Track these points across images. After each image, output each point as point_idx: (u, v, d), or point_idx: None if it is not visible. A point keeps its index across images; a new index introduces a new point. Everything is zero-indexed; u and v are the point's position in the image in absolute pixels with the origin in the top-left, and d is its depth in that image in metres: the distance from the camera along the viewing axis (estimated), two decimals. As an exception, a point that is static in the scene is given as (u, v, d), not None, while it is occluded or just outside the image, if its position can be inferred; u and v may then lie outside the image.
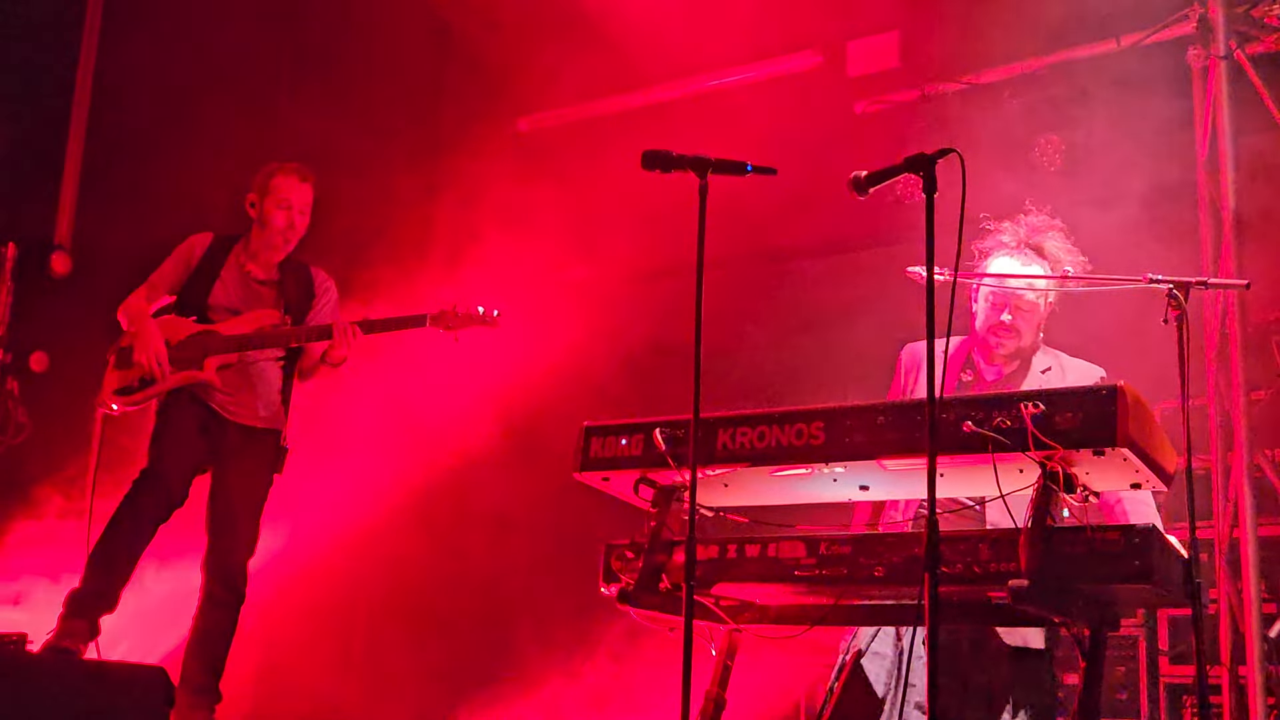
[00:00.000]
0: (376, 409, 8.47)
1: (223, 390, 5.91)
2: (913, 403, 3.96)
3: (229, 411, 5.94)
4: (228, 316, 6.02)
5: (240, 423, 5.96)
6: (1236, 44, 7.19)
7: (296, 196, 6.13)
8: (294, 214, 6.11)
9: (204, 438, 5.90)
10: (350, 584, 8.72)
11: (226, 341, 5.95)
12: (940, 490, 3.48)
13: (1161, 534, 3.67)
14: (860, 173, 3.87)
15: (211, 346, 5.92)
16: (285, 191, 6.12)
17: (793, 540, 4.07)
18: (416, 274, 7.95)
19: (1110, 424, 3.56)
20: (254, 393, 6.00)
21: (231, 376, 5.95)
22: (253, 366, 6.01)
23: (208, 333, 5.95)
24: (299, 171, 6.17)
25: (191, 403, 5.91)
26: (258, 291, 6.12)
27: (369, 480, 8.49)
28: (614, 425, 4.36)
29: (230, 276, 6.10)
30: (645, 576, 4.21)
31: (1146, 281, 4.44)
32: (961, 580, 3.77)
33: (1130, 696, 7.07)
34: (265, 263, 6.17)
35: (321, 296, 6.23)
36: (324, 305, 6.23)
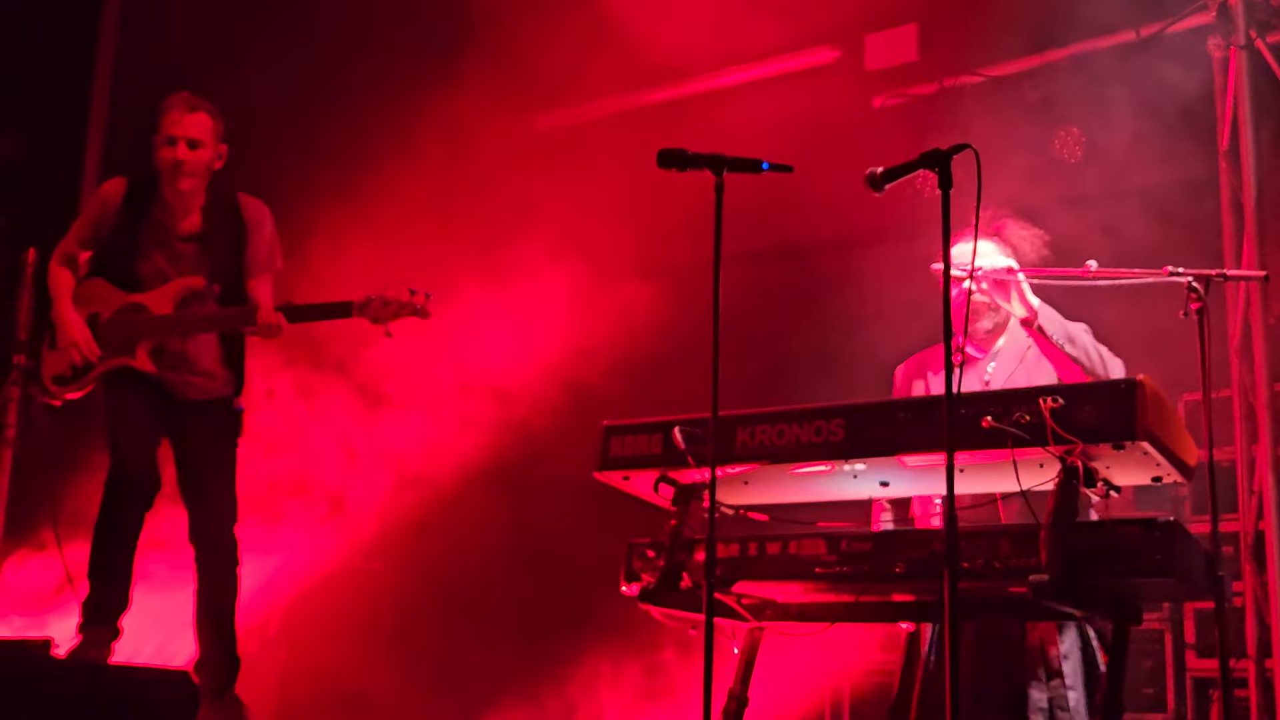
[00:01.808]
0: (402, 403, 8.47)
1: (161, 368, 5.64)
2: (932, 399, 3.97)
3: (173, 386, 5.67)
4: (154, 281, 5.66)
5: (188, 397, 5.69)
6: (1257, 33, 7.15)
7: (182, 128, 5.61)
8: (180, 148, 5.60)
9: (154, 414, 5.63)
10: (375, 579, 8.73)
11: (155, 324, 5.61)
12: (960, 486, 3.48)
13: (1183, 527, 3.65)
14: (876, 169, 3.86)
15: (140, 329, 5.61)
16: (170, 125, 5.62)
17: (813, 538, 4.06)
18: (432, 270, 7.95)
19: (1129, 417, 3.55)
20: (193, 368, 5.70)
21: (166, 357, 5.66)
22: (187, 341, 5.69)
23: (137, 308, 5.64)
24: (185, 100, 5.69)
25: (135, 382, 5.61)
26: (180, 250, 5.69)
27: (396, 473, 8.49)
28: (634, 424, 4.37)
29: (150, 240, 5.68)
30: (667, 575, 4.22)
31: (1166, 274, 4.42)
32: (982, 576, 3.76)
33: (1157, 690, 7.04)
34: (186, 212, 5.71)
35: (254, 234, 5.77)
36: (258, 245, 5.77)
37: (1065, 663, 4.48)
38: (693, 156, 4.07)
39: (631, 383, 8.14)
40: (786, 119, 7.87)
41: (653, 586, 4.20)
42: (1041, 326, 4.58)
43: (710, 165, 4.05)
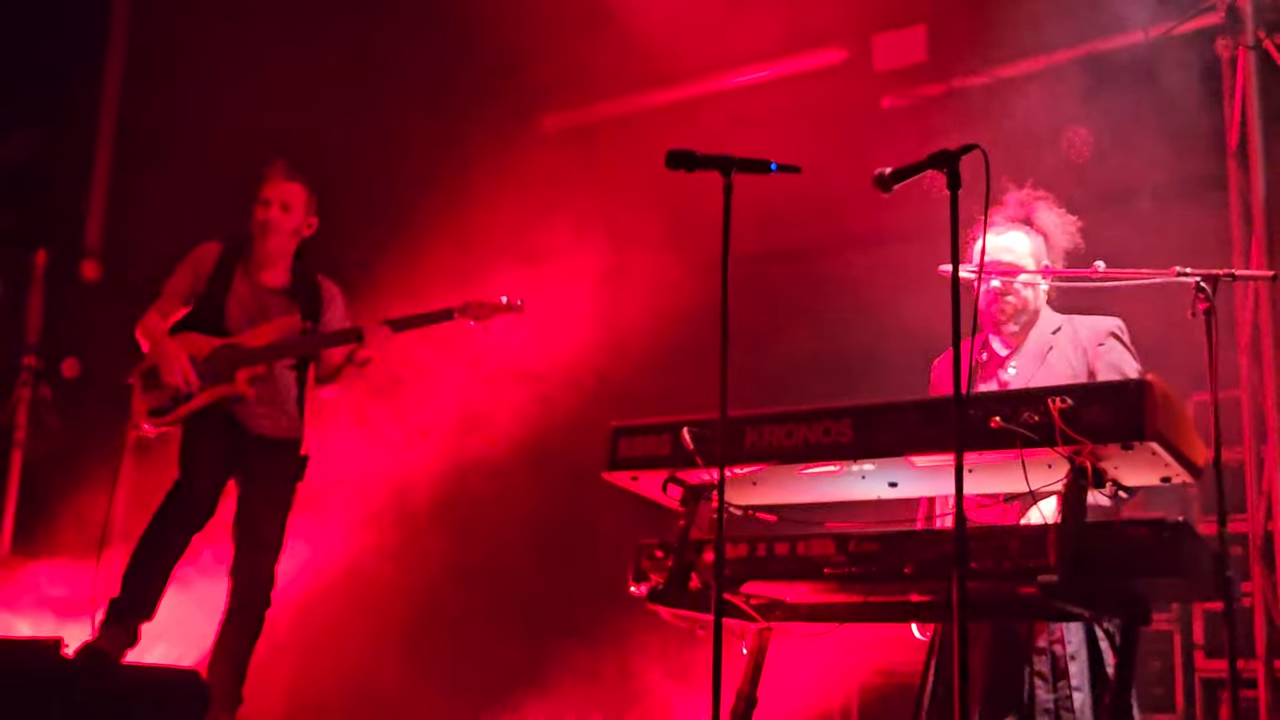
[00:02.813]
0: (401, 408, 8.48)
1: (246, 403, 5.97)
2: (941, 400, 3.96)
3: (252, 423, 6.00)
4: (244, 327, 6.07)
5: (263, 434, 6.02)
6: (1265, 33, 7.13)
7: (275, 192, 6.14)
8: (272, 209, 6.11)
9: (229, 451, 5.95)
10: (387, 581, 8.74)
11: (253, 353, 6.00)
12: (969, 487, 3.48)
13: (1192, 528, 3.65)
14: (884, 170, 3.87)
15: (240, 359, 5.97)
16: (268, 190, 6.15)
17: (822, 538, 4.06)
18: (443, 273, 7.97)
19: (1138, 418, 3.55)
20: (275, 403, 6.07)
21: (260, 387, 6.01)
22: (273, 375, 6.07)
23: (232, 346, 6.00)
24: (283, 169, 6.21)
25: (216, 417, 5.95)
26: (270, 301, 6.16)
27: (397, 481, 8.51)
28: (642, 425, 4.37)
29: (242, 288, 6.14)
30: (675, 576, 4.22)
31: (1175, 274, 4.42)
32: (991, 576, 3.75)
33: (1166, 691, 7.03)
34: (274, 270, 6.20)
35: (330, 305, 6.26)
36: (334, 314, 6.27)
37: (1072, 663, 4.47)
38: (701, 157, 4.07)
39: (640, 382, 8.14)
40: (795, 119, 7.88)
41: (661, 587, 4.19)
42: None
43: (718, 166, 4.05)
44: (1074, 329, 4.86)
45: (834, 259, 8.70)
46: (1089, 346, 4.77)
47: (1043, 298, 4.99)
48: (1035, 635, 4.55)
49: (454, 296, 6.20)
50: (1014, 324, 4.94)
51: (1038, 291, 4.97)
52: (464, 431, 8.60)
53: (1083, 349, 4.78)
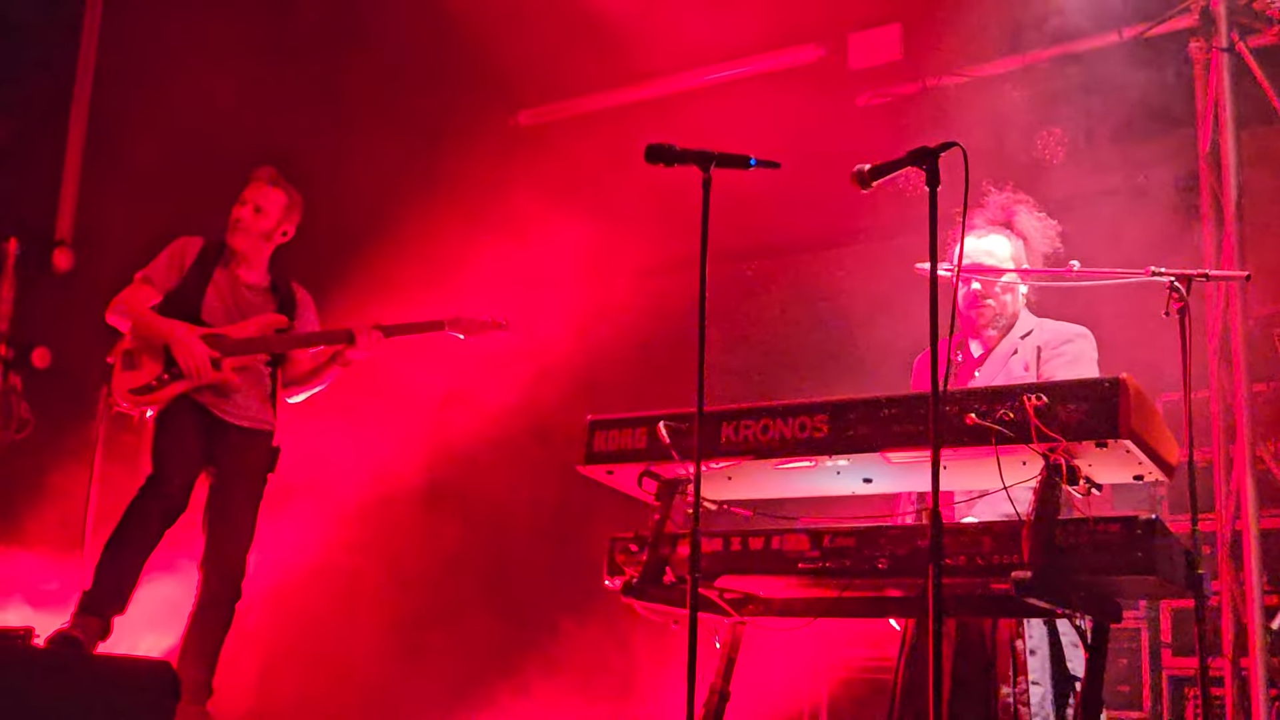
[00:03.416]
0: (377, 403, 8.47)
1: (223, 394, 5.99)
2: (916, 396, 3.96)
3: (227, 414, 6.02)
4: (224, 321, 6.09)
5: (238, 424, 6.04)
6: (1239, 36, 7.19)
7: (254, 195, 6.25)
8: (245, 209, 6.22)
9: (203, 441, 5.97)
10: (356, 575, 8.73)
11: (240, 344, 6.04)
12: (944, 483, 3.49)
13: (1164, 526, 3.67)
14: (864, 166, 3.87)
15: (227, 348, 5.99)
16: (248, 191, 6.27)
17: (797, 533, 4.07)
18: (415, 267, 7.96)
19: (1112, 416, 3.57)
20: (250, 394, 6.09)
21: (244, 378, 6.04)
22: (252, 369, 6.11)
23: (218, 336, 6.01)
24: (268, 174, 6.32)
25: (190, 407, 5.96)
26: (250, 298, 6.22)
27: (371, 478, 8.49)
28: (618, 419, 4.37)
29: (222, 282, 6.19)
30: (649, 570, 4.22)
31: (1149, 274, 4.44)
32: (965, 572, 3.77)
33: (1133, 689, 7.08)
34: (252, 270, 6.27)
35: (304, 310, 6.35)
36: (307, 318, 6.35)
37: (1032, 658, 4.48)
38: (680, 152, 4.08)
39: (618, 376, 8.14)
40: (770, 117, 7.89)
41: (636, 581, 4.19)
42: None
43: (697, 161, 4.05)
44: (1039, 333, 4.92)
45: (810, 256, 8.73)
46: (1045, 348, 4.83)
47: (1021, 301, 5.03)
48: (997, 631, 4.57)
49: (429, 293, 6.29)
50: (992, 328, 4.99)
51: (1016, 295, 5.00)
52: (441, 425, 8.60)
53: (1038, 350, 4.83)
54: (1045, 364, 4.79)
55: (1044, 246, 5.01)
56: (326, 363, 6.22)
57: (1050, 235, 5.02)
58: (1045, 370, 4.77)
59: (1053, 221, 5.05)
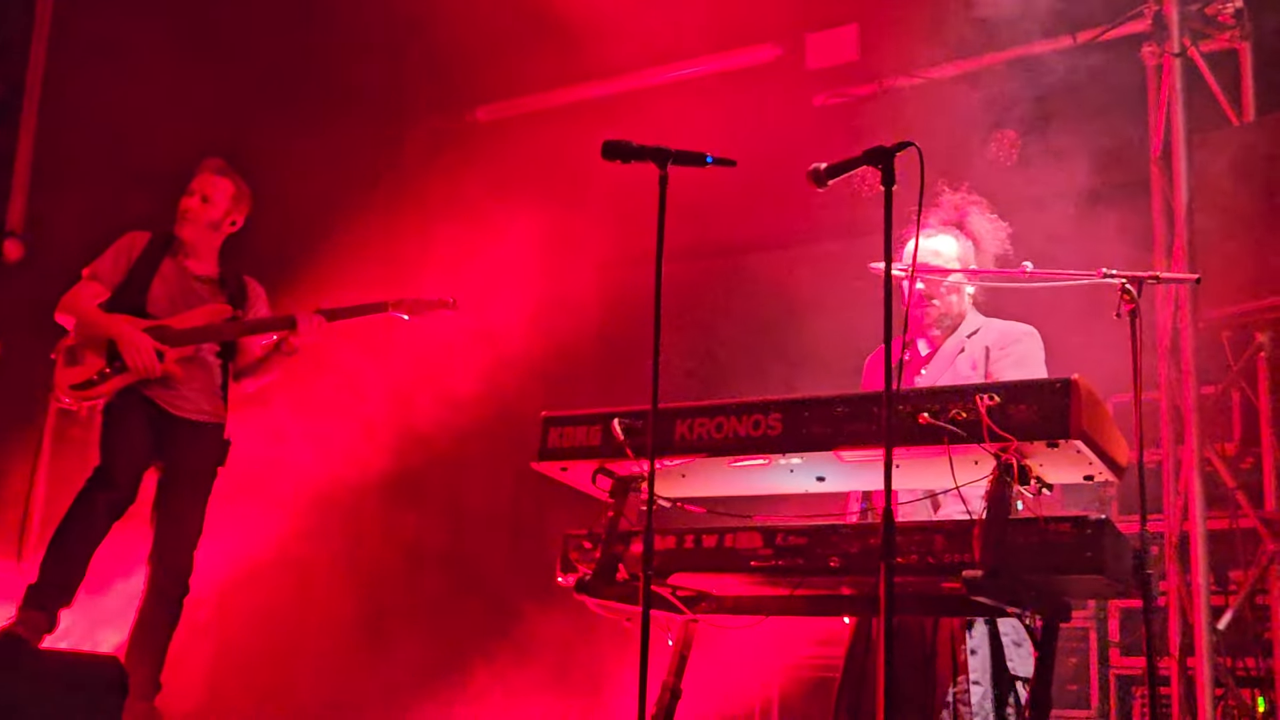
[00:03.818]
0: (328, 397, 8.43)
1: (170, 386, 5.95)
2: (870, 395, 3.97)
3: (175, 407, 5.98)
4: (170, 312, 6.05)
5: (186, 418, 6.00)
6: (1190, 41, 7.26)
7: (201, 184, 6.23)
8: (193, 199, 6.20)
9: (152, 435, 5.93)
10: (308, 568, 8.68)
11: (182, 334, 5.99)
12: (896, 481, 3.50)
13: (1114, 526, 3.69)
14: (820, 165, 3.88)
15: (168, 339, 5.94)
16: (196, 181, 6.25)
17: (749, 531, 4.07)
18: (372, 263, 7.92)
19: (1064, 416, 3.59)
20: (199, 387, 6.06)
21: (185, 371, 5.99)
22: (199, 360, 6.07)
23: (161, 327, 5.97)
24: (215, 164, 6.30)
25: (138, 400, 5.92)
26: (197, 289, 6.19)
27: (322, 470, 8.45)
28: (572, 415, 4.36)
29: (169, 273, 6.15)
30: (603, 567, 4.21)
31: (1100, 276, 4.47)
32: (916, 571, 3.78)
33: (1081, 688, 7.14)
34: (201, 260, 6.25)
35: (255, 302, 6.32)
36: (258, 311, 6.32)
37: (973, 658, 4.50)
38: (637, 149, 4.07)
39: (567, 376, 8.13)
40: (727, 116, 7.90)
41: (589, 578, 4.17)
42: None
43: (654, 158, 4.05)
44: (986, 332, 4.95)
45: (766, 255, 8.75)
46: (992, 348, 4.86)
47: (968, 302, 5.06)
48: (938, 629, 4.59)
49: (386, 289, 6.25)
50: (937, 328, 5.02)
51: (962, 296, 5.03)
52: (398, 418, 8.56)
53: (986, 349, 4.86)
54: (994, 363, 4.82)
55: (995, 248, 5.04)
56: (272, 351, 6.17)
57: (1001, 237, 5.06)
58: (994, 369, 4.80)
59: (1004, 223, 5.08)
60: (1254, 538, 6.91)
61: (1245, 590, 6.86)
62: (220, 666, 8.01)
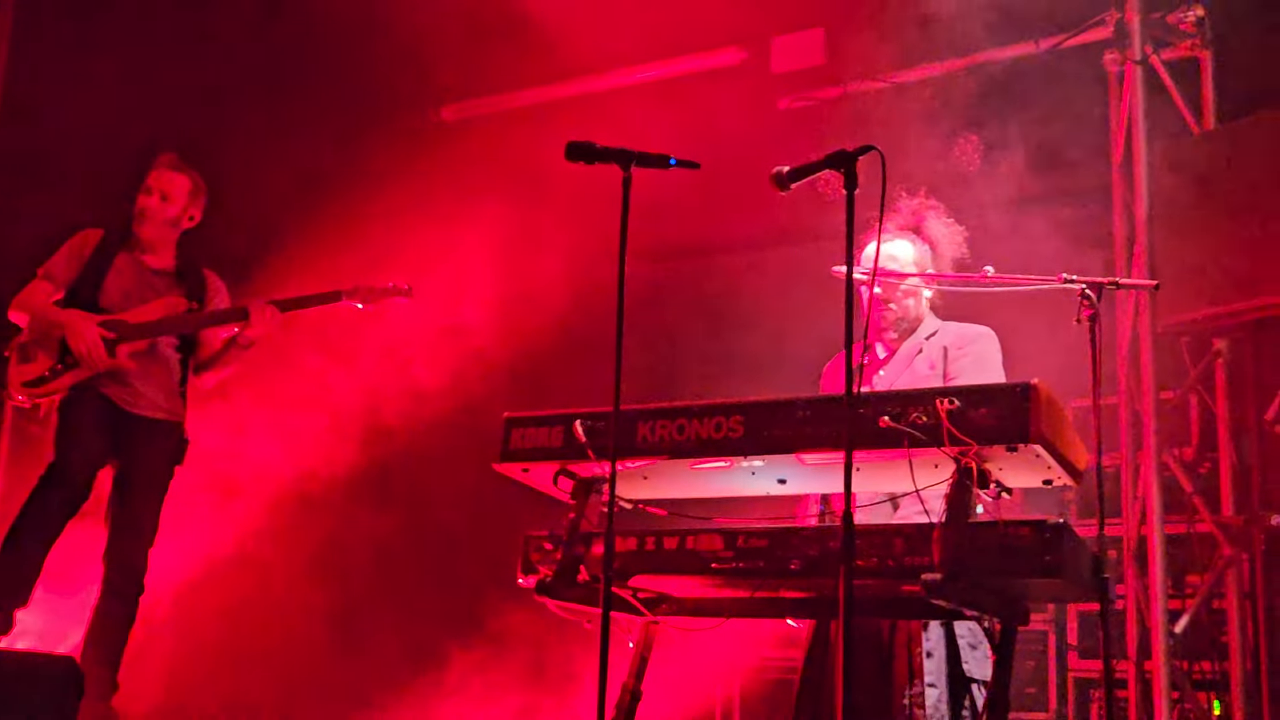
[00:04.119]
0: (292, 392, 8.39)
1: (126, 383, 5.91)
2: (831, 398, 3.97)
3: (132, 404, 5.95)
4: (125, 306, 6.00)
5: (143, 415, 5.96)
6: (1152, 49, 7.31)
7: (160, 182, 6.18)
8: (151, 197, 6.16)
9: (108, 432, 5.89)
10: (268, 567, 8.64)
11: (136, 328, 5.94)
12: (856, 485, 3.51)
13: (1072, 529, 3.70)
14: (782, 168, 3.88)
15: (122, 334, 5.90)
16: (153, 178, 6.20)
17: (710, 533, 4.06)
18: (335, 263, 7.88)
19: (1023, 421, 3.59)
20: (156, 384, 6.02)
21: (140, 365, 5.95)
22: (157, 356, 6.02)
23: (115, 322, 5.93)
24: (171, 161, 6.26)
25: (94, 397, 5.88)
26: (153, 282, 6.14)
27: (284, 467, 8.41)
28: (534, 416, 4.34)
29: (124, 267, 6.11)
30: (564, 568, 4.19)
31: (1061, 281, 4.49)
32: (876, 574, 3.78)
33: (1039, 690, 7.18)
34: (157, 255, 6.20)
35: (215, 296, 6.28)
36: (217, 304, 6.27)
37: (928, 660, 4.51)
38: (600, 150, 4.05)
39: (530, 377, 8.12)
40: (693, 118, 7.89)
41: (550, 579, 4.16)
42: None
43: (617, 159, 4.03)
44: (943, 334, 4.98)
45: (730, 257, 8.75)
46: (950, 349, 4.90)
47: (925, 305, 5.09)
48: (895, 632, 4.61)
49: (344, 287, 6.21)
50: (894, 331, 5.05)
51: (919, 300, 5.06)
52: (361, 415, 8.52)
53: (943, 351, 4.90)
54: (952, 363, 4.86)
55: (952, 251, 5.07)
56: (229, 345, 6.14)
57: (958, 240, 5.09)
58: (952, 369, 4.84)
59: (960, 227, 5.11)
60: (1211, 542, 6.97)
61: (1202, 594, 6.92)
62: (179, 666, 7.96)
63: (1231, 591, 6.90)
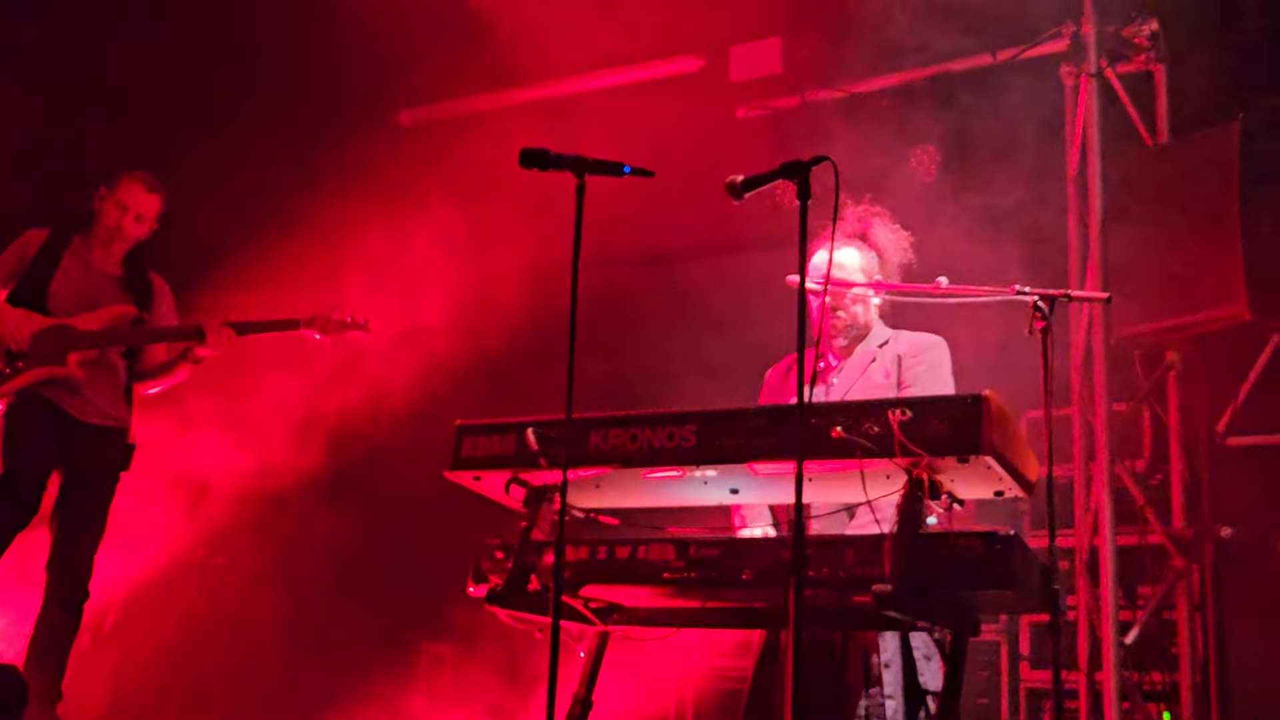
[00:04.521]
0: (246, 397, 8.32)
1: (76, 391, 5.86)
2: (784, 408, 3.97)
3: (79, 411, 5.90)
4: (73, 309, 5.95)
5: (89, 422, 5.91)
6: (1108, 62, 7.34)
7: (135, 202, 6.16)
8: (128, 217, 6.14)
9: (54, 439, 5.84)
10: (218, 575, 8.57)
11: (86, 337, 5.90)
12: (808, 495, 3.50)
13: (1023, 541, 3.71)
14: (736, 177, 3.87)
15: (72, 340, 5.85)
16: (127, 195, 6.16)
17: (662, 543, 4.05)
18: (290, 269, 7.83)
19: (975, 432, 3.60)
20: (104, 391, 5.97)
21: (88, 373, 5.90)
22: (104, 363, 5.98)
23: (63, 327, 5.88)
24: (147, 180, 6.22)
25: (40, 404, 5.83)
26: (101, 284, 6.09)
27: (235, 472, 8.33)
28: (486, 424, 4.32)
29: (72, 270, 6.06)
30: (515, 577, 4.16)
31: (1014, 293, 4.50)
32: (827, 584, 3.78)
33: (991, 701, 7.20)
34: (106, 258, 6.17)
35: (160, 301, 6.26)
36: (163, 309, 6.26)
37: (886, 671, 4.50)
38: (554, 157, 4.03)
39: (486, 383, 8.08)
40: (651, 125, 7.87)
41: (500, 588, 4.13)
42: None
43: (572, 167, 4.02)
44: (897, 342, 4.99)
45: (686, 265, 8.74)
46: (904, 357, 4.90)
47: (874, 313, 5.10)
48: (849, 643, 4.60)
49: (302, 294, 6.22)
50: (843, 338, 5.04)
51: (868, 307, 5.06)
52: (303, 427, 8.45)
53: (897, 359, 4.91)
54: (907, 370, 4.87)
55: (898, 257, 5.08)
56: (178, 358, 6.11)
57: (904, 247, 5.10)
58: (907, 377, 4.85)
59: (906, 233, 5.13)
60: (1162, 553, 7.01)
61: (1152, 606, 6.96)
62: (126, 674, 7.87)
63: (1182, 603, 6.94)
